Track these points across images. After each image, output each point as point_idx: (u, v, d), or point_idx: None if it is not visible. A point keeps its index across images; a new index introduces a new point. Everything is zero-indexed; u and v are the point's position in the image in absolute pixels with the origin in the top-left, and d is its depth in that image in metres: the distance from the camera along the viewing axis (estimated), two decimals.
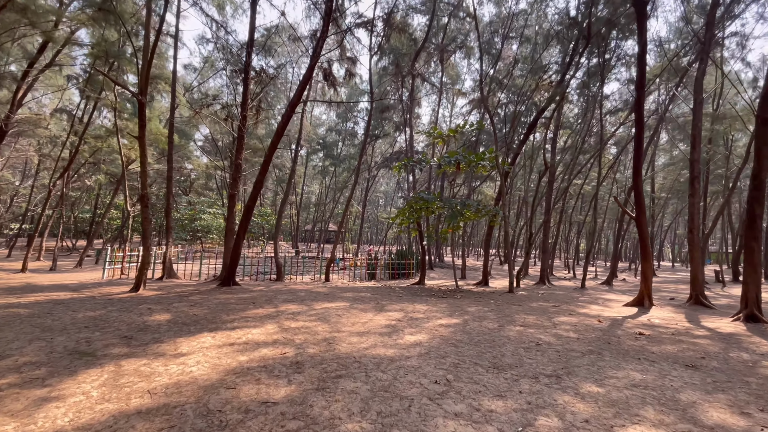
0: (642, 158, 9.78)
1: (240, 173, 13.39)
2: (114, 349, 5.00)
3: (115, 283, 12.41)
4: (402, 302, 9.36)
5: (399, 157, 33.24)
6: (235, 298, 9.06)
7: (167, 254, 14.56)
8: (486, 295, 11.92)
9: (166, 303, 8.20)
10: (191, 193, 41.61)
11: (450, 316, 7.64)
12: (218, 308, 7.71)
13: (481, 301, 10.44)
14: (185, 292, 10.21)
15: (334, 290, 11.33)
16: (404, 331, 6.21)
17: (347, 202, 16.23)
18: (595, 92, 17.35)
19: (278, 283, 13.97)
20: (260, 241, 42.59)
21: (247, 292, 10.20)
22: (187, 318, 6.76)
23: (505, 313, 8.35)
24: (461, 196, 28.20)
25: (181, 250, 27.28)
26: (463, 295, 11.63)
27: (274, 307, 7.94)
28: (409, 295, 11.31)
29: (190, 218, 32.25)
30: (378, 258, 19.48)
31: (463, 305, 9.31)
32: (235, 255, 10.86)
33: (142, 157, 10.03)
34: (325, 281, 16.26)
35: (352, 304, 8.70)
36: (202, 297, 9.11)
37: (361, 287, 13.21)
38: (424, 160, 13.69)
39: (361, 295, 10.28)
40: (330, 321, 6.80)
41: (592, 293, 14.18)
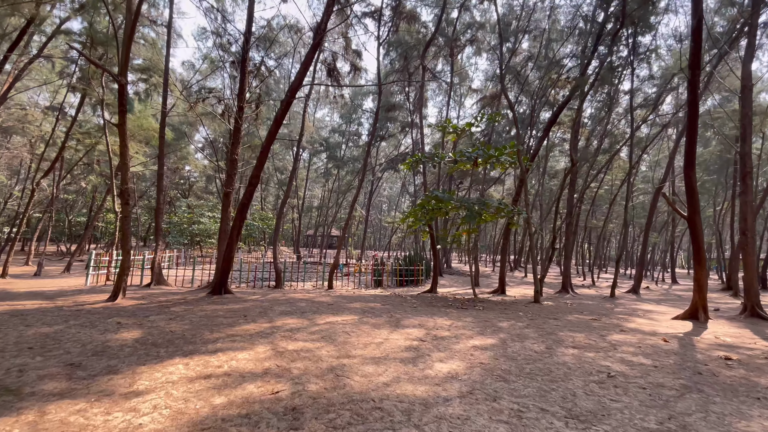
0: (695, 148, 8.47)
1: (236, 169, 12.15)
2: (49, 383, 3.70)
3: (97, 291, 11.16)
4: (419, 315, 8.03)
5: (405, 158, 32.05)
6: (224, 309, 7.75)
7: (156, 259, 13.30)
8: (510, 306, 10.56)
9: (141, 316, 6.90)
10: (190, 196, 40.51)
11: (482, 334, 6.30)
12: (201, 323, 6.40)
13: (508, 313, 9.08)
14: (169, 301, 8.92)
15: (339, 300, 10.00)
16: (431, 356, 4.88)
17: (352, 204, 14.98)
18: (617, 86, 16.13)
19: (277, 291, 12.65)
20: (261, 246, 41.34)
21: (240, 301, 8.89)
22: (160, 336, 5.46)
23: (545, 329, 7.00)
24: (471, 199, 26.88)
25: (178, 254, 26.06)
26: (484, 306, 10.28)
27: (268, 322, 6.63)
28: (424, 305, 9.97)
29: (188, 222, 31.06)
30: (384, 263, 18.15)
31: (491, 319, 7.96)
32: (228, 259, 9.58)
33: (122, 147, 8.81)
34: (328, 289, 14.96)
35: (361, 317, 7.37)
36: (187, 308, 7.81)
37: (369, 296, 11.88)
38: (438, 155, 12.43)
39: (370, 306, 8.95)
40: (336, 341, 5.48)
41: (625, 303, 12.79)
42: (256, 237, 39.68)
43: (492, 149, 11.58)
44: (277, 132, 9.14)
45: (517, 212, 11.86)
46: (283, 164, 43.12)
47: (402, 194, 58.42)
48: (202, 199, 39.82)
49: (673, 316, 9.52)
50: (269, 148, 9.21)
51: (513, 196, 15.07)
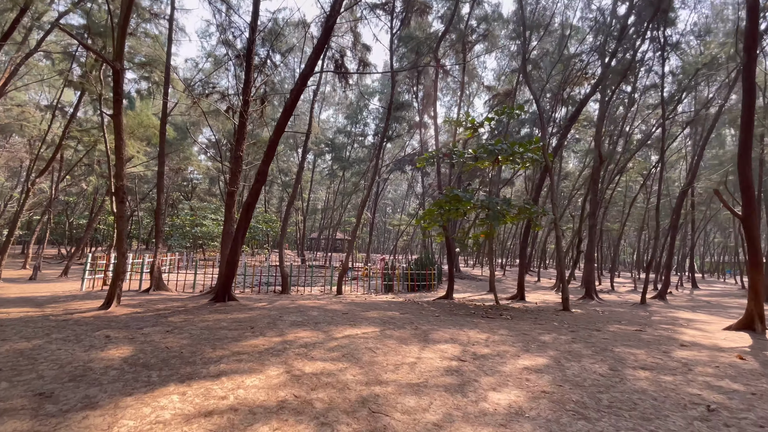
0: (751, 142, 7.60)
1: (240, 167, 11.37)
2: (6, 423, 2.88)
3: (92, 296, 10.38)
4: (445, 326, 7.16)
5: (412, 159, 31.25)
6: (228, 319, 6.92)
7: (156, 262, 12.51)
8: (540, 315, 9.68)
9: (134, 327, 6.08)
10: (193, 198, 39.80)
11: (527, 351, 5.43)
12: (203, 337, 5.57)
13: (542, 323, 8.20)
14: (168, 309, 8.10)
15: (353, 308, 9.15)
16: (480, 382, 4.02)
17: (362, 205, 14.17)
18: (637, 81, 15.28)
19: (284, 297, 11.82)
20: (264, 249, 40.55)
21: (245, 310, 8.06)
22: (153, 354, 4.63)
23: (594, 343, 6.12)
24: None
25: (179, 257, 25.30)
26: (512, 315, 9.40)
27: (279, 335, 5.79)
28: (445, 314, 9.11)
29: (190, 224, 30.33)
30: (395, 268, 17.30)
31: (528, 331, 7.08)
32: (232, 263, 8.76)
33: (117, 140, 8.03)
34: (337, 294, 14.13)
35: (383, 329, 6.52)
36: (187, 318, 6.98)
37: (382, 302, 11.03)
38: (456, 151, 11.60)
39: (388, 316, 8.09)
40: (361, 360, 4.63)
41: (660, 311, 11.87)
42: (259, 240, 38.91)
43: (516, 144, 10.74)
44: (286, 123, 8.35)
45: (543, 213, 11.00)
46: (287, 166, 42.44)
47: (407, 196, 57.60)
48: (204, 201, 39.11)
49: (722, 326, 8.61)
50: (278, 140, 8.41)
51: (533, 196, 14.19)
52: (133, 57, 16.62)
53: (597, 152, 11.60)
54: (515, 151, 10.48)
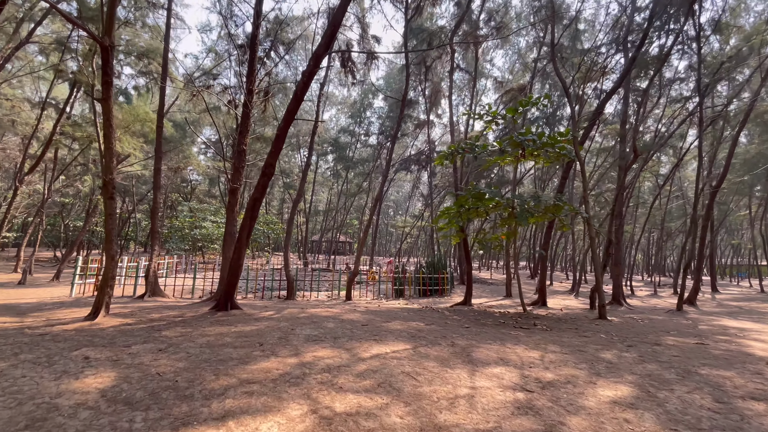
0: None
1: (244, 162, 10.43)
2: None
3: (81, 303, 9.45)
4: (483, 340, 6.20)
5: (419, 159, 30.35)
6: (232, 333, 5.94)
7: (151, 266, 11.55)
8: (577, 324, 8.72)
9: (121, 344, 5.12)
10: (193, 199, 38.84)
11: (598, 374, 4.47)
12: (203, 357, 4.60)
13: (587, 335, 7.24)
14: (164, 319, 7.14)
15: (370, 316, 8.18)
16: (568, 425, 3.06)
17: (376, 199, 13.24)
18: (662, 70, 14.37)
19: (290, 304, 10.84)
20: (266, 251, 39.56)
21: (251, 320, 7.09)
22: (140, 385, 3.66)
23: (671, 363, 5.16)
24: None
25: (178, 261, 24.32)
26: (547, 325, 8.44)
27: (294, 354, 4.82)
28: (474, 324, 8.15)
29: (190, 226, 29.35)
30: (406, 271, 16.33)
31: (580, 346, 6.12)
32: (235, 268, 7.80)
33: (106, 127, 7.09)
34: (346, 300, 13.17)
35: (414, 345, 5.55)
36: (184, 331, 6.01)
37: (398, 310, 10.07)
38: (477, 144, 10.67)
39: (413, 327, 7.13)
40: (403, 392, 3.67)
41: (701, 318, 10.90)
42: (261, 242, 37.94)
43: (545, 136, 9.82)
44: (296, 110, 7.41)
45: (575, 211, 10.05)
46: (289, 167, 41.52)
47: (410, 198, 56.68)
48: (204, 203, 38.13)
49: None
50: (287, 129, 7.48)
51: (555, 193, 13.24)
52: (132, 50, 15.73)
53: (632, 145, 10.68)
54: (545, 142, 9.55)
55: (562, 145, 10.27)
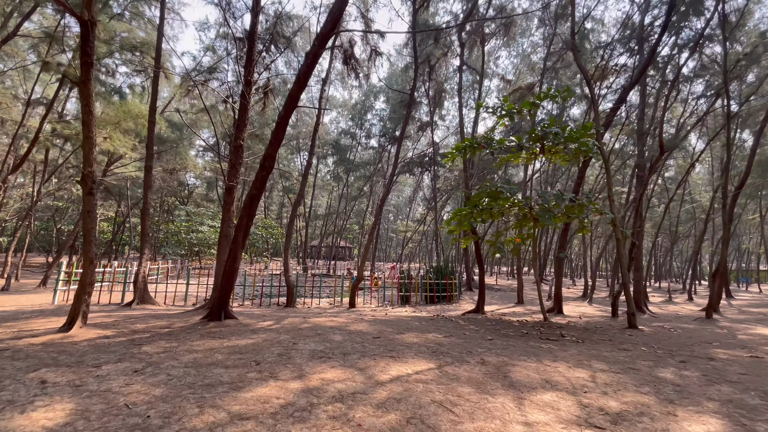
0: None
1: (241, 158, 9.64)
2: None
3: (63, 312, 8.60)
4: (514, 355, 5.38)
5: (423, 160, 29.63)
6: (225, 348, 5.10)
7: (141, 271, 10.70)
8: (610, 335, 7.90)
9: (90, 363, 4.28)
10: (190, 203, 37.97)
11: (669, 400, 3.64)
12: (186, 381, 3.76)
13: (627, 348, 6.41)
14: (148, 331, 6.30)
15: (380, 327, 7.35)
16: None
17: (380, 204, 12.46)
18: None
19: (290, 312, 10.00)
20: (265, 257, 38.63)
21: (247, 332, 6.24)
22: (100, 422, 2.83)
23: (744, 384, 4.34)
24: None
25: (173, 265, 23.44)
26: (575, 336, 7.62)
27: (297, 376, 3.99)
28: (495, 335, 7.32)
29: (186, 230, 28.49)
30: (412, 277, 15.48)
31: (627, 362, 5.29)
32: (230, 273, 6.97)
33: (85, 114, 6.30)
34: (349, 307, 12.34)
35: (439, 363, 4.72)
36: (169, 346, 5.17)
37: (408, 318, 9.24)
38: (494, 139, 9.92)
39: (431, 339, 6.30)
40: (440, 431, 2.85)
41: (735, 327, 10.07)
42: (259, 247, 37.04)
43: (569, 129, 9.06)
44: (299, 96, 6.64)
45: (600, 212, 9.27)
46: (289, 170, 40.77)
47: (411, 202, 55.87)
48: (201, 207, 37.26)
49: None
50: (289, 117, 6.70)
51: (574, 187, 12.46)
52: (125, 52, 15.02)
53: (659, 140, 9.94)
54: (570, 136, 8.80)
55: (584, 141, 9.54)
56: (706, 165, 28.85)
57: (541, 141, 9.41)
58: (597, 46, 17.53)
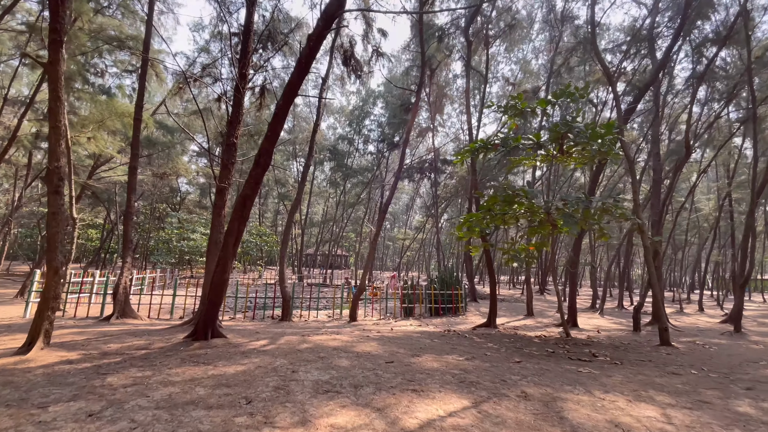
0: None
1: (234, 157, 8.79)
2: None
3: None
4: (558, 385, 4.52)
5: (423, 166, 28.94)
6: (209, 378, 4.19)
7: (121, 282, 9.73)
8: (646, 353, 7.07)
9: (36, 402, 3.35)
10: (182, 210, 36.83)
11: None
12: (154, 431, 2.86)
13: (680, 373, 5.58)
14: (121, 353, 5.36)
15: (389, 346, 6.46)
16: None
17: (384, 207, 11.66)
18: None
19: (286, 327, 9.07)
20: (259, 265, 37.47)
21: (237, 354, 5.32)
22: None
23: None
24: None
25: (161, 275, 22.31)
26: (609, 356, 6.78)
27: (299, 421, 3.10)
28: (523, 356, 6.47)
29: (177, 238, 27.39)
30: (416, 287, 14.60)
31: (690, 392, 4.46)
32: (219, 283, 6.06)
33: (52, 100, 5.44)
34: (350, 321, 11.43)
35: (474, 400, 3.84)
36: (140, 375, 4.24)
37: (417, 334, 8.36)
38: (510, 138, 9.17)
39: (451, 363, 5.43)
40: None
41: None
42: (253, 255, 35.92)
43: (592, 127, 8.35)
44: (300, 84, 5.84)
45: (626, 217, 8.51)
46: (283, 176, 39.88)
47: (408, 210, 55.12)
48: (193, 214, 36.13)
49: None
50: (288, 107, 5.89)
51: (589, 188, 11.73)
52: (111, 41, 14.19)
53: (685, 140, 9.27)
54: (596, 133, 8.08)
55: (603, 141, 8.84)
56: (710, 171, 28.46)
57: (561, 139, 8.69)
58: (603, 49, 17.06)
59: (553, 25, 17.04)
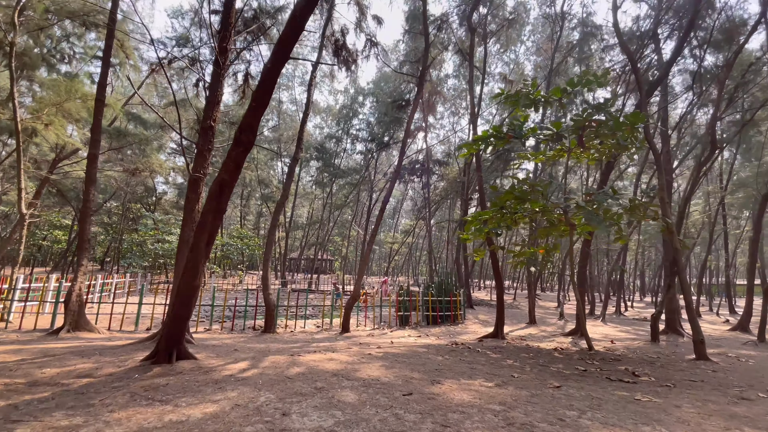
0: None
1: (211, 143, 7.55)
2: None
3: None
4: (632, 425, 3.50)
5: (414, 167, 28.01)
6: (164, 429, 2.97)
7: (75, 289, 8.30)
8: (692, 371, 6.17)
9: None
10: (158, 210, 34.72)
11: None
12: None
13: (747, 395, 4.65)
14: (53, 383, 4.07)
15: (399, 369, 5.35)
16: None
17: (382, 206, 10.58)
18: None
19: (270, 340, 7.83)
20: (240, 270, 35.65)
21: (208, 386, 4.09)
22: None
23: None
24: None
25: (132, 280, 20.51)
26: (651, 374, 5.85)
27: None
28: (557, 378, 5.46)
29: (152, 240, 25.51)
30: (412, 293, 13.50)
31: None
32: (187, 292, 4.82)
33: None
34: (342, 332, 10.26)
35: None
36: (64, 425, 2.98)
37: (421, 348, 7.27)
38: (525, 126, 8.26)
39: (483, 392, 4.35)
40: None
41: None
42: (233, 259, 34.14)
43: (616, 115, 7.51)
44: (294, 42, 4.72)
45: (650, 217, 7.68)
46: (267, 177, 38.28)
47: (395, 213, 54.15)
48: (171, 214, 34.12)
49: None
50: (278, 71, 4.74)
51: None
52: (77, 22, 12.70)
53: (711, 136, 8.57)
54: (623, 123, 7.23)
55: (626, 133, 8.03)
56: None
57: (584, 129, 7.83)
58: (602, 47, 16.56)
59: (554, 20, 16.43)
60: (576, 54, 18.28)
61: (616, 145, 8.49)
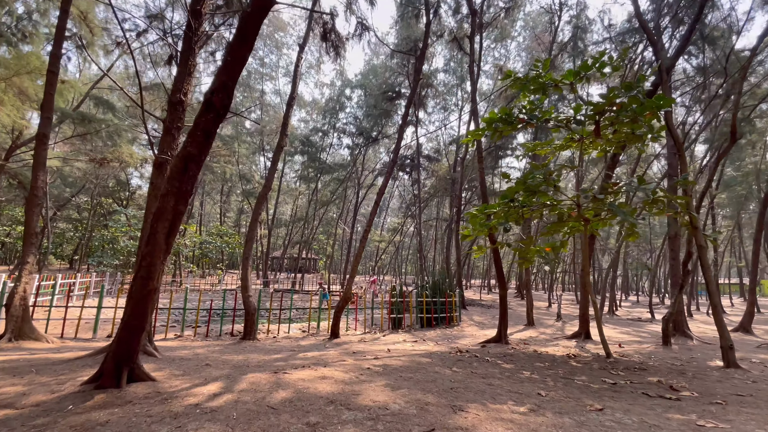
0: None
1: (182, 120, 6.47)
2: None
3: None
4: None
5: (404, 162, 27.16)
6: None
7: (18, 291, 7.06)
8: (732, 382, 5.50)
9: None
10: (131, 205, 32.74)
11: None
12: None
13: None
14: None
15: (404, 386, 4.46)
16: None
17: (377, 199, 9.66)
18: None
19: (250, 350, 6.79)
20: (219, 269, 34.03)
21: (162, 425, 3.09)
22: None
23: None
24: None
25: (99, 280, 18.90)
26: (690, 389, 5.14)
27: None
28: (593, 396, 4.68)
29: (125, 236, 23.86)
30: (406, 294, 12.63)
31: None
32: (142, 297, 3.77)
33: None
34: (331, 337, 9.31)
35: None
36: None
37: (422, 357, 6.40)
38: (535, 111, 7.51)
39: (517, 421, 3.49)
40: None
41: None
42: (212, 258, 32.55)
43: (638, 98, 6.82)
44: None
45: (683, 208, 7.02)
46: (249, 172, 36.74)
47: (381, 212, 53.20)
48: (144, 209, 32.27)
49: None
50: (261, 19, 3.76)
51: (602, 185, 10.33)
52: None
53: (732, 124, 8.01)
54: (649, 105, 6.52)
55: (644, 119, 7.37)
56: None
57: (602, 114, 7.11)
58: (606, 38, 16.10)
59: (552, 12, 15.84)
60: (570, 49, 17.86)
61: (629, 135, 7.85)
